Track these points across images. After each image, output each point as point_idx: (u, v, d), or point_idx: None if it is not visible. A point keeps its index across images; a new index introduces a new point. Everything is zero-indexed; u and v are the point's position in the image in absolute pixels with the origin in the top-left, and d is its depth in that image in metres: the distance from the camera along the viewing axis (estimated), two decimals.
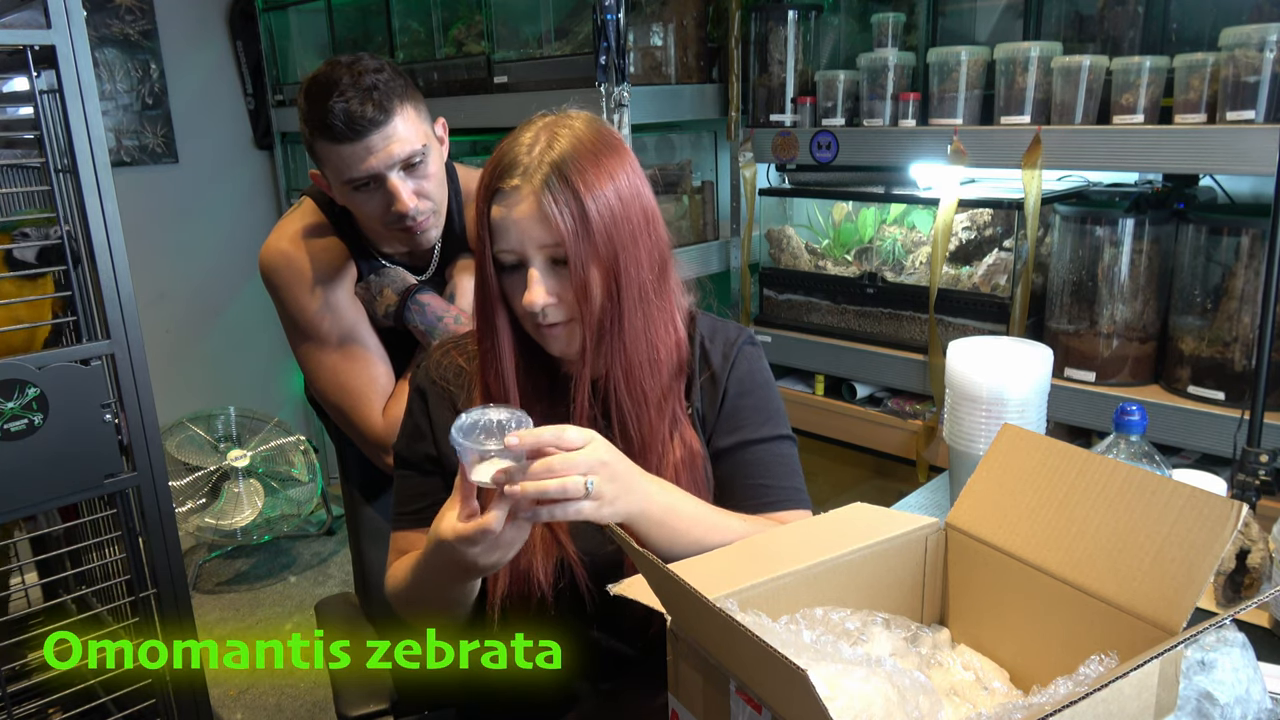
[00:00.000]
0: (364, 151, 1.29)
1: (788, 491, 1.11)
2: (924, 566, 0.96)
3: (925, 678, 0.73)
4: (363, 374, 1.43)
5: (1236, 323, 1.61)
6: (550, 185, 0.96)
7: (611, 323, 1.02)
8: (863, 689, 0.70)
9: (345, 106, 1.26)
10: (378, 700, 1.28)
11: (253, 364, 3.62)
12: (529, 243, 0.98)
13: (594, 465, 0.88)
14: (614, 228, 0.99)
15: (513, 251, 0.99)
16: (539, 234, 0.97)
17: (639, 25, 2.24)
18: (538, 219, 0.97)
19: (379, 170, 1.31)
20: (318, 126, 1.29)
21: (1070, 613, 0.84)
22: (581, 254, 0.97)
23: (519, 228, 0.97)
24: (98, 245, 1.24)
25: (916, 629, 0.93)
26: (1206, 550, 0.76)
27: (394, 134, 1.30)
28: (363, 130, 1.28)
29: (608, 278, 1.00)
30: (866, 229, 2.26)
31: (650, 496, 0.95)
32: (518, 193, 0.97)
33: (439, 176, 1.39)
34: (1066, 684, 0.70)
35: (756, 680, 0.68)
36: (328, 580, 3.23)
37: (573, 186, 0.97)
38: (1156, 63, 1.66)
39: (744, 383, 1.13)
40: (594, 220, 0.97)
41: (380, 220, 1.37)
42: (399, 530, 1.14)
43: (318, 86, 1.29)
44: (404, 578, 1.06)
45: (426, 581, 1.01)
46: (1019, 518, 0.90)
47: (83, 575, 1.62)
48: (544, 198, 0.96)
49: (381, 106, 1.28)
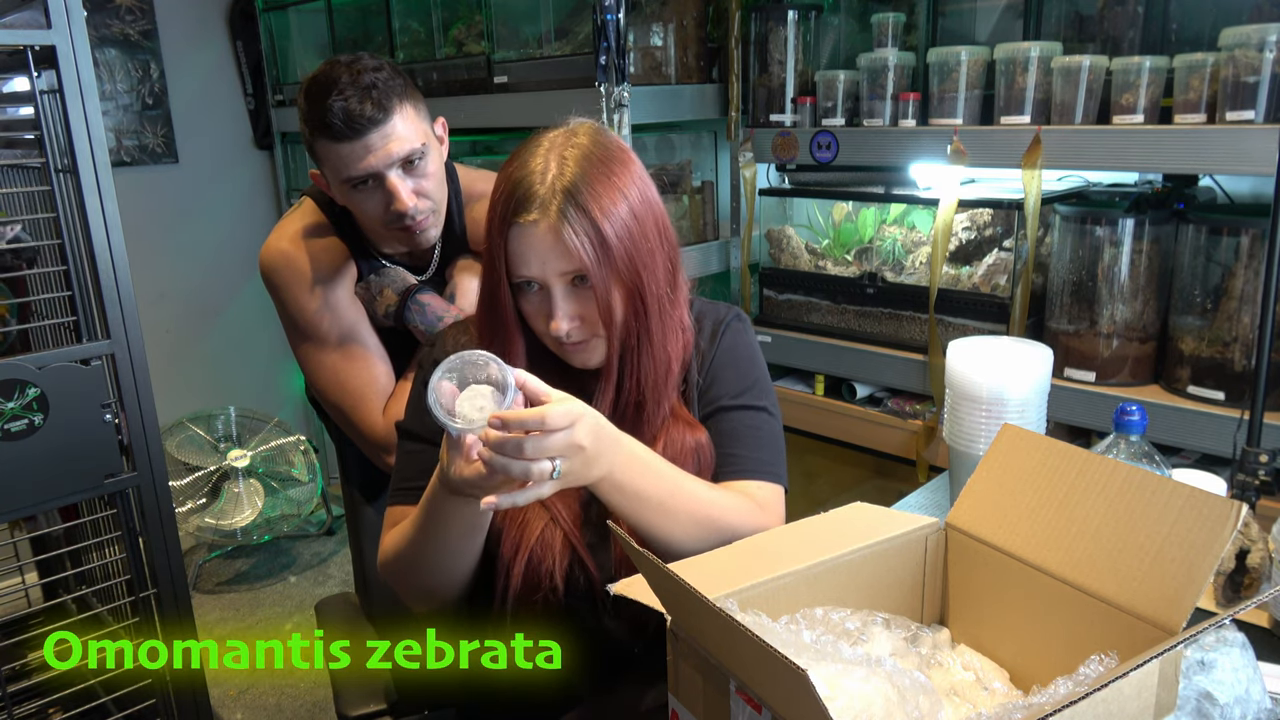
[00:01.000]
0: (363, 150, 1.29)
1: (756, 462, 1.10)
2: (924, 566, 0.96)
3: (925, 678, 0.73)
4: (363, 374, 1.43)
5: (1236, 323, 1.61)
6: (568, 216, 0.97)
7: (634, 336, 1.05)
8: (863, 689, 0.70)
9: (344, 105, 1.27)
10: (378, 700, 1.28)
11: (253, 364, 3.62)
12: (550, 271, 0.99)
13: (568, 449, 0.87)
14: (632, 247, 1.01)
15: (533, 279, 1.01)
16: (560, 263, 0.99)
17: (639, 25, 2.24)
18: (558, 251, 0.98)
19: (378, 169, 1.31)
20: (317, 125, 1.29)
21: (1070, 613, 0.84)
22: (604, 278, 0.99)
23: (540, 258, 0.99)
24: (98, 245, 1.24)
25: (916, 629, 0.93)
26: (1206, 550, 0.76)
27: (393, 133, 1.30)
28: (362, 129, 1.28)
29: (630, 296, 1.02)
30: (866, 229, 2.26)
31: (615, 467, 0.93)
32: (535, 227, 0.98)
33: (438, 176, 1.39)
34: (1066, 684, 0.70)
35: (756, 680, 0.68)
36: (328, 580, 3.23)
37: (590, 214, 0.98)
38: (1156, 63, 1.66)
39: (727, 354, 1.14)
40: (613, 245, 0.99)
41: (380, 220, 1.37)
42: (397, 505, 1.12)
43: (317, 86, 1.30)
44: (402, 540, 1.04)
45: (428, 539, 0.99)
46: (1019, 518, 0.90)
47: (83, 575, 1.62)
48: (564, 230, 0.97)
49: (380, 105, 1.29)
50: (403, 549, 1.04)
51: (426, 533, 0.99)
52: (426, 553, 1.01)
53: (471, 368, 0.88)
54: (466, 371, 0.88)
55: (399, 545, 1.05)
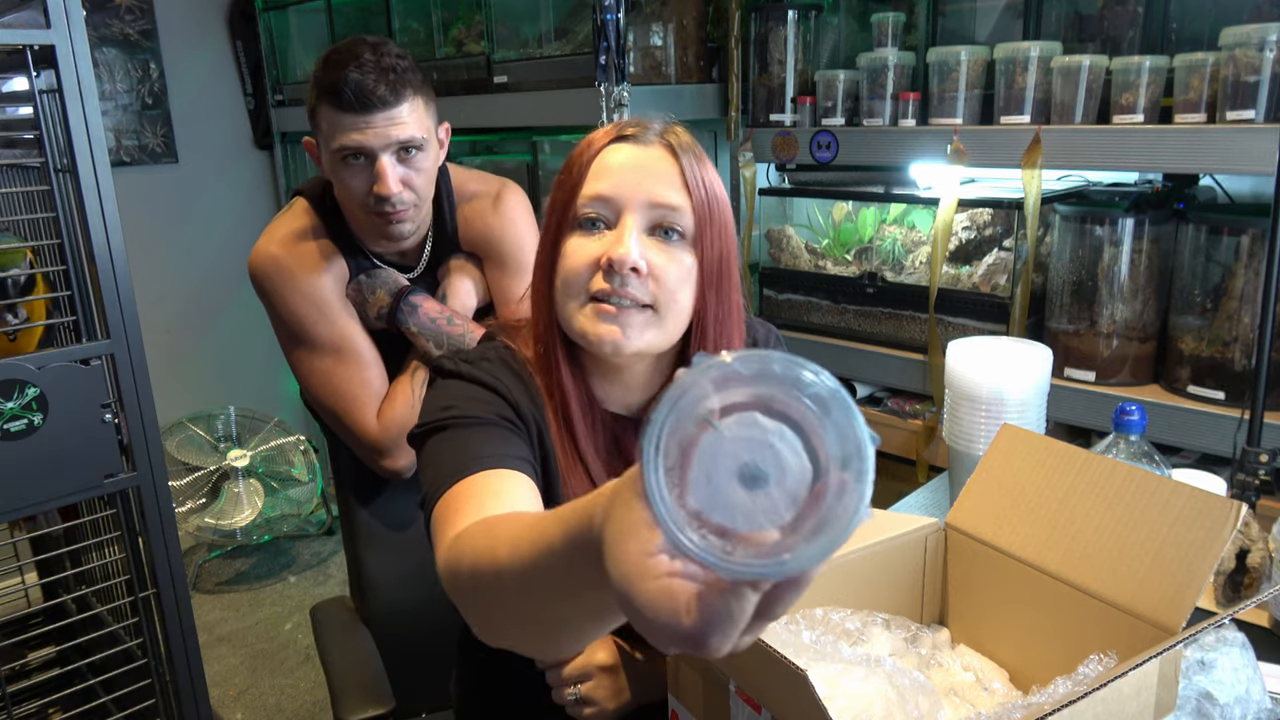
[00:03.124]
0: (364, 124, 1.30)
1: None
2: (924, 566, 0.96)
3: (925, 678, 0.73)
4: (355, 377, 1.43)
5: (1236, 322, 1.61)
6: (684, 150, 0.86)
7: (709, 322, 0.89)
8: (862, 689, 0.70)
9: (359, 79, 1.27)
10: (375, 705, 1.28)
11: (253, 364, 3.62)
12: (639, 195, 0.83)
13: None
14: (727, 220, 0.89)
15: (611, 200, 0.84)
16: (659, 191, 0.84)
17: (639, 25, 2.24)
18: (663, 175, 0.84)
19: (372, 147, 1.31)
20: (326, 90, 1.30)
21: (1070, 613, 0.84)
22: (708, 235, 0.86)
23: (638, 173, 0.84)
24: (97, 245, 1.24)
25: (916, 629, 0.93)
26: (1206, 550, 0.76)
27: (397, 117, 1.31)
28: (369, 105, 1.29)
29: (719, 269, 0.88)
30: (866, 229, 2.26)
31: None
32: (646, 137, 0.85)
33: (429, 175, 1.39)
34: (1066, 684, 0.70)
35: (756, 681, 0.68)
36: (328, 580, 3.23)
37: (703, 163, 0.87)
38: (1156, 62, 1.66)
39: None
40: (718, 202, 0.87)
41: (360, 200, 1.36)
42: (474, 474, 0.78)
43: (338, 54, 1.31)
44: (493, 575, 0.59)
45: (536, 602, 0.56)
46: (1018, 518, 0.90)
47: (83, 575, 1.62)
48: (682, 155, 0.85)
49: (394, 89, 1.30)
50: (493, 588, 0.60)
51: (533, 593, 0.56)
52: (528, 613, 0.58)
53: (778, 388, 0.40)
54: (773, 393, 0.40)
55: (485, 574, 0.60)
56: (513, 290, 1.49)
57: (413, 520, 1.53)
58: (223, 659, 2.78)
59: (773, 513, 0.40)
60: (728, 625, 0.41)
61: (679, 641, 0.42)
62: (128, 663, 1.37)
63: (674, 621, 0.41)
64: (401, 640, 1.48)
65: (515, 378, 0.91)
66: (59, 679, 1.50)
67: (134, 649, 1.37)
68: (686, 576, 0.42)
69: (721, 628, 0.41)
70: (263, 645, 2.86)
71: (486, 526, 0.64)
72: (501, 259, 1.50)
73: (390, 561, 1.51)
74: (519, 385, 0.90)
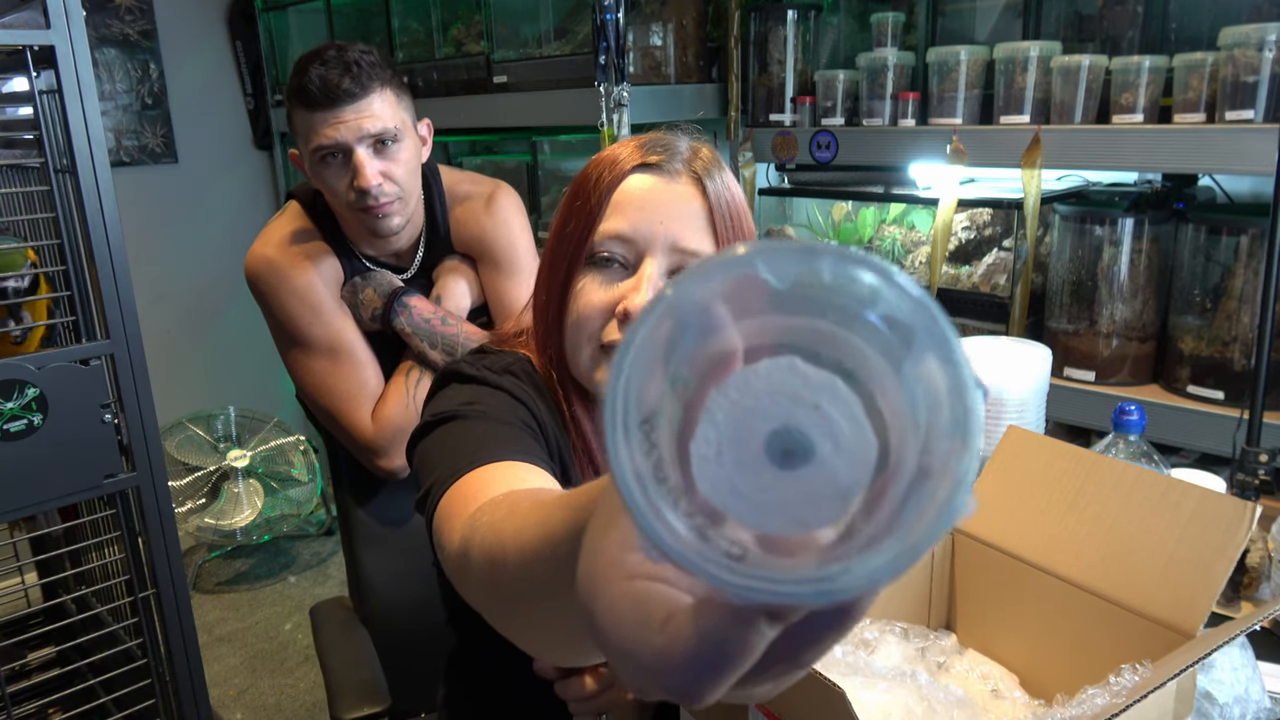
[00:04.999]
0: (334, 119, 1.31)
1: None
2: (930, 571, 0.96)
3: (962, 691, 0.72)
4: (351, 377, 1.43)
5: (1236, 322, 1.61)
6: (710, 177, 0.81)
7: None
8: (883, 700, 0.69)
9: (323, 73, 1.29)
10: (371, 703, 1.28)
11: (253, 364, 3.61)
12: (661, 237, 0.78)
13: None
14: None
15: (632, 242, 0.79)
16: (684, 235, 0.79)
17: (638, 25, 2.24)
18: (689, 217, 0.79)
19: (346, 141, 1.32)
20: (294, 91, 1.32)
21: (1081, 617, 0.83)
22: None
23: (662, 212, 0.79)
24: (97, 245, 1.23)
25: (934, 637, 0.92)
26: (1221, 552, 0.75)
27: (367, 109, 1.32)
28: (336, 99, 1.29)
29: None
30: (866, 229, 2.26)
31: None
32: (672, 166, 0.80)
33: (410, 167, 1.40)
34: (1103, 695, 0.66)
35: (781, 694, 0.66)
36: (328, 580, 3.23)
37: (727, 181, 0.81)
38: (1156, 62, 1.66)
39: None
40: (743, 234, 0.82)
41: (343, 199, 1.37)
42: (499, 461, 0.71)
43: (306, 57, 1.33)
44: (501, 570, 0.49)
45: (537, 610, 0.47)
46: (1026, 521, 0.89)
47: (82, 575, 1.62)
48: (709, 186, 0.80)
49: (359, 81, 1.31)
50: (497, 587, 0.50)
51: (533, 588, 0.46)
52: (526, 618, 0.49)
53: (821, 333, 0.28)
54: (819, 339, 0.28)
55: (495, 553, 0.50)
56: (506, 290, 1.50)
57: (411, 520, 1.54)
58: (222, 659, 2.78)
59: (816, 505, 0.26)
60: (721, 664, 0.28)
61: (648, 671, 0.29)
62: (128, 663, 1.36)
63: (641, 640, 0.29)
64: (400, 639, 1.48)
65: (538, 392, 0.89)
66: (59, 679, 1.50)
67: (134, 649, 1.37)
68: (675, 583, 0.29)
69: (712, 663, 0.28)
70: (262, 645, 2.85)
71: (510, 501, 0.55)
72: (495, 260, 1.51)
73: (389, 561, 1.51)
74: (541, 399, 0.88)
